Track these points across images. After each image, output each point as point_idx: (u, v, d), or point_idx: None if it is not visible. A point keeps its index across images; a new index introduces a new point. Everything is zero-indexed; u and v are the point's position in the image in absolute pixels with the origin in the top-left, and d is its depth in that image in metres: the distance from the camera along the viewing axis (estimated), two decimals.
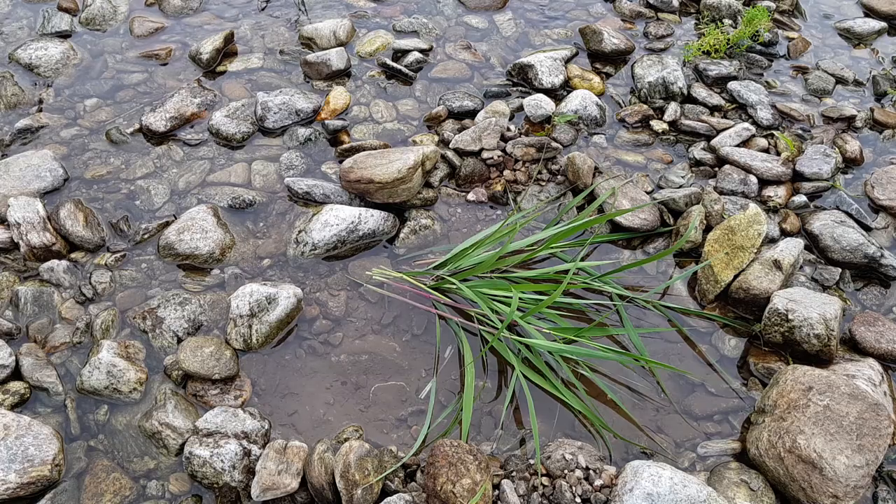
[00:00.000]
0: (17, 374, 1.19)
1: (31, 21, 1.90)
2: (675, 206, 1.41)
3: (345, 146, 1.55)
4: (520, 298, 1.22)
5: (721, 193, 1.43)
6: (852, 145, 1.55)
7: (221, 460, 1.05)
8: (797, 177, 1.49)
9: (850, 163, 1.54)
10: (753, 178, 1.45)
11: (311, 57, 1.74)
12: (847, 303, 1.30)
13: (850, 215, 1.42)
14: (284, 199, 1.48)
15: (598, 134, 1.60)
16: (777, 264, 1.26)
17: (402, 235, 1.41)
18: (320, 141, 1.60)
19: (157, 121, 1.60)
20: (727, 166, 1.48)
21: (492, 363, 1.22)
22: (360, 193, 1.44)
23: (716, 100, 1.66)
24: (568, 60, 1.76)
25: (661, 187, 1.48)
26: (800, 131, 1.59)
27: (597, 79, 1.72)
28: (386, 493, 1.05)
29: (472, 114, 1.63)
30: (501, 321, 1.20)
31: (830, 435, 1.00)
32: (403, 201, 1.44)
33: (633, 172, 1.51)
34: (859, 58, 1.84)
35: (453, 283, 1.26)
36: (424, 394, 1.19)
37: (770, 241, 1.35)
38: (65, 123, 1.64)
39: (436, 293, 1.26)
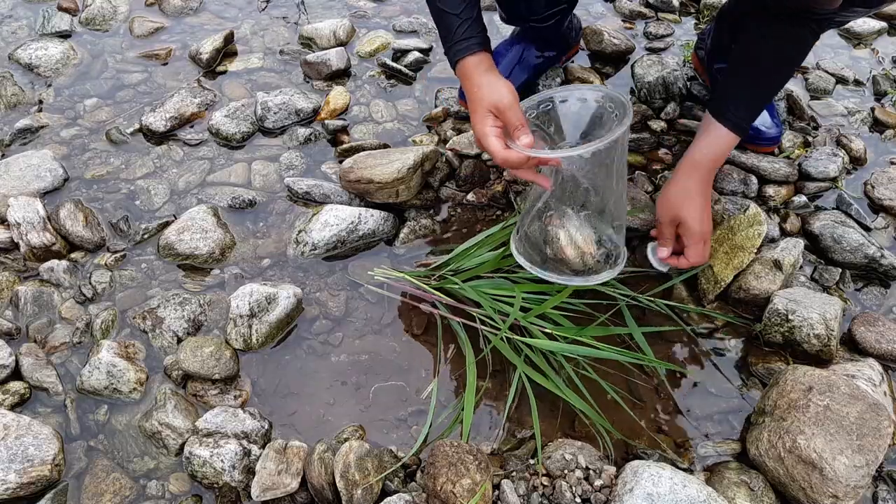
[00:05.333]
0: (17, 374, 1.19)
1: (31, 21, 1.90)
2: None
3: (345, 146, 1.55)
4: (522, 298, 1.22)
5: (721, 193, 1.43)
6: (857, 144, 1.55)
7: (221, 460, 1.06)
8: (802, 177, 1.48)
9: (854, 162, 1.54)
10: (754, 178, 1.45)
11: (311, 57, 1.74)
12: (847, 303, 1.30)
13: (849, 215, 1.42)
14: (284, 199, 1.48)
15: None
16: (777, 264, 1.26)
17: (402, 235, 1.41)
18: (320, 141, 1.61)
19: (157, 121, 1.60)
20: (727, 166, 1.48)
21: (493, 363, 1.22)
22: (360, 193, 1.44)
23: None
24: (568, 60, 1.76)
25: (660, 187, 1.48)
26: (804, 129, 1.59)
27: (597, 79, 1.72)
28: (386, 493, 1.05)
29: None
30: (504, 321, 1.20)
31: (830, 435, 1.00)
32: (403, 201, 1.44)
33: (634, 172, 1.51)
34: (859, 58, 1.84)
35: (456, 283, 1.26)
36: (426, 394, 1.18)
37: (770, 241, 1.35)
38: (65, 123, 1.64)
39: (437, 293, 1.26)
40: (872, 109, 1.67)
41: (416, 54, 1.77)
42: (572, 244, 1.17)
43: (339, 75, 1.74)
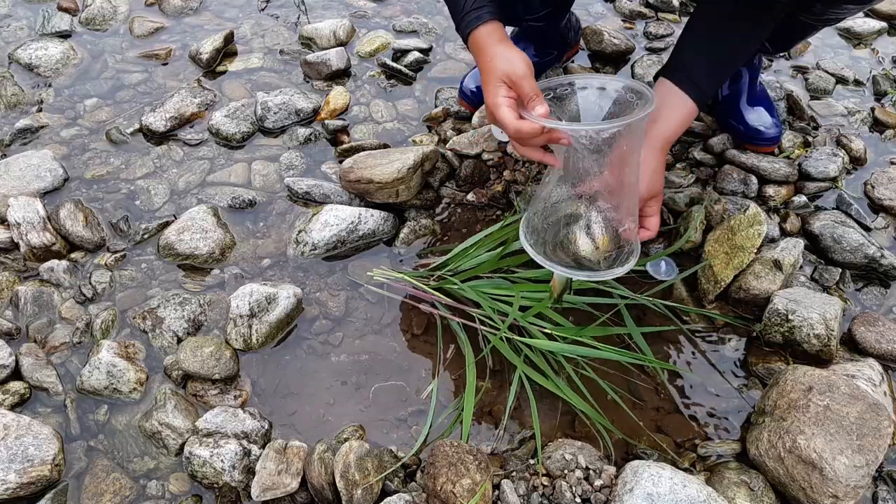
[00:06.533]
0: (17, 374, 1.19)
1: (31, 21, 1.90)
2: (676, 206, 1.41)
3: (344, 146, 1.55)
4: (522, 297, 1.22)
5: (721, 193, 1.43)
6: (857, 144, 1.55)
7: (221, 460, 1.06)
8: (802, 177, 1.48)
9: (854, 162, 1.54)
10: (754, 178, 1.45)
11: (311, 57, 1.74)
12: (847, 303, 1.30)
13: (849, 215, 1.42)
14: (284, 199, 1.48)
15: None
16: (777, 264, 1.26)
17: (402, 235, 1.41)
18: (320, 141, 1.61)
19: (157, 121, 1.60)
20: (727, 166, 1.48)
21: (493, 363, 1.22)
22: (360, 193, 1.44)
23: None
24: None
25: None
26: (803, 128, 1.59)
27: None
28: (386, 493, 1.05)
29: (472, 115, 1.63)
30: (503, 321, 1.19)
31: (830, 435, 1.00)
32: (403, 201, 1.44)
33: None
34: (859, 58, 1.84)
35: (455, 283, 1.26)
36: (425, 394, 1.18)
37: (770, 241, 1.35)
38: (65, 123, 1.64)
39: (436, 294, 1.26)
40: (872, 109, 1.67)
41: (416, 54, 1.77)
42: (587, 238, 1.13)
43: (339, 75, 1.74)
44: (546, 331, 1.20)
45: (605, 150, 1.05)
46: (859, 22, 1.91)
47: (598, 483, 1.03)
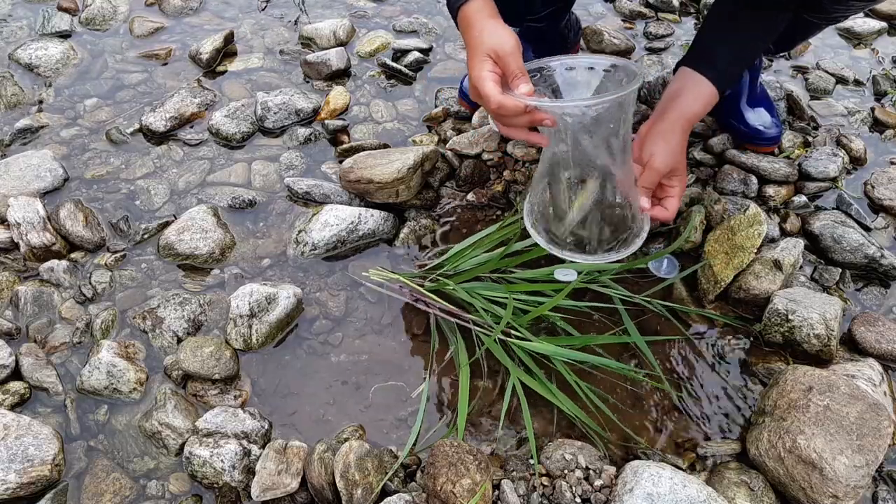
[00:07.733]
0: (17, 374, 1.19)
1: (31, 21, 1.90)
2: None
3: (344, 146, 1.55)
4: (518, 299, 1.21)
5: (721, 193, 1.43)
6: (857, 144, 1.55)
7: (221, 460, 1.06)
8: (802, 177, 1.48)
9: (854, 162, 1.54)
10: (754, 178, 1.45)
11: (311, 57, 1.74)
12: (847, 303, 1.30)
13: (849, 215, 1.42)
14: (284, 199, 1.48)
15: None
16: (777, 264, 1.26)
17: (402, 235, 1.41)
18: (320, 141, 1.61)
19: (157, 121, 1.60)
20: (727, 166, 1.48)
21: (491, 363, 1.22)
22: (360, 193, 1.44)
23: None
24: None
25: None
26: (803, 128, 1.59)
27: None
28: (386, 492, 1.05)
29: (471, 115, 1.63)
30: (497, 324, 1.19)
31: (830, 435, 1.00)
32: (403, 201, 1.44)
33: None
34: (859, 58, 1.84)
35: (449, 285, 1.25)
36: (416, 393, 1.18)
37: (770, 241, 1.35)
38: (65, 123, 1.64)
39: (431, 295, 1.26)
40: (872, 109, 1.67)
41: (416, 54, 1.77)
42: (586, 221, 1.12)
43: (339, 75, 1.74)
44: (540, 345, 1.18)
45: (593, 129, 1.04)
46: (859, 22, 1.91)
47: (598, 483, 1.03)
